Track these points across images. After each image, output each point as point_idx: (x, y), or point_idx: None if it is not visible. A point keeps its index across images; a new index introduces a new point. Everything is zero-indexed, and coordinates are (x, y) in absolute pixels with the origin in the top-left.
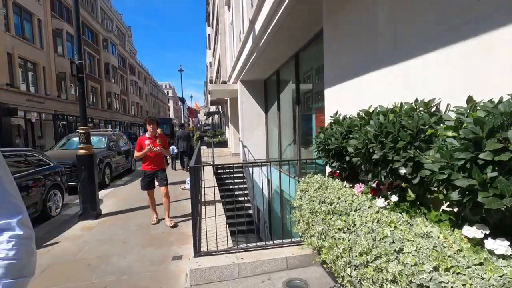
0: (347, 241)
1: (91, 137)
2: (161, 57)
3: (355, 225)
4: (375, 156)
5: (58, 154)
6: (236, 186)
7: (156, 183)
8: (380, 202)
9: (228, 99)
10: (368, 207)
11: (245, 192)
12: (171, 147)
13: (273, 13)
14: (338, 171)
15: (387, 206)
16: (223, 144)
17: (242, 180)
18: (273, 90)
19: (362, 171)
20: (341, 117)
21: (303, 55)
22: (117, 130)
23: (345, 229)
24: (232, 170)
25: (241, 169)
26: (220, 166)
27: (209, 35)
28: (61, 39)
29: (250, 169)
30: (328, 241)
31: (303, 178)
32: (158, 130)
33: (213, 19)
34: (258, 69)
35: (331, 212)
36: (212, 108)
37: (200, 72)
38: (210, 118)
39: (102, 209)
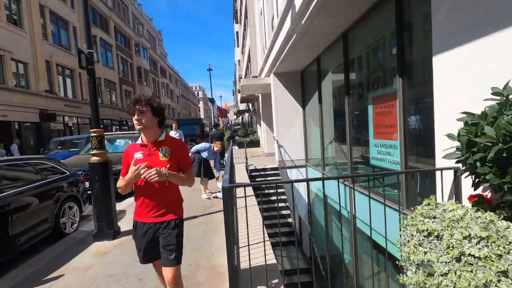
0: None
1: (118, 140)
2: (190, 59)
3: None
4: None
5: (82, 159)
6: (272, 191)
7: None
8: None
9: (260, 95)
10: None
11: (282, 197)
12: (201, 145)
13: None
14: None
15: None
16: (255, 143)
17: (279, 184)
18: (313, 81)
19: None
20: None
21: (354, 34)
22: None
23: None
24: (266, 173)
25: (277, 171)
26: (263, 183)
27: (237, 32)
28: (95, 46)
29: (288, 170)
30: None
31: (417, 208)
32: (173, 133)
33: (241, 14)
34: (295, 58)
35: None
36: (242, 107)
37: (228, 72)
38: (240, 117)
39: (122, 224)
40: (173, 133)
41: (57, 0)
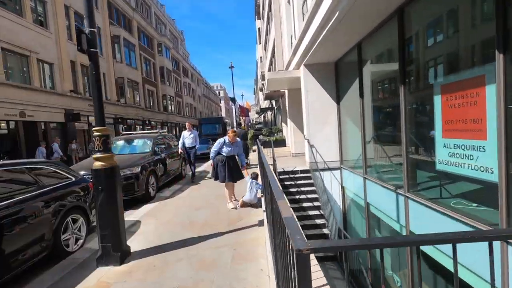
0: None
1: (135, 140)
2: (211, 59)
3: None
4: None
5: None
6: (304, 196)
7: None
8: None
9: (286, 91)
10: None
11: (316, 204)
12: (215, 144)
13: None
14: None
15: None
16: (281, 143)
17: (310, 189)
18: (351, 72)
19: None
20: None
21: (414, 9)
22: (165, 130)
23: None
24: (296, 176)
25: (308, 173)
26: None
27: (259, 28)
28: (119, 45)
29: (320, 173)
30: None
31: None
32: None
33: (263, 9)
34: (330, 46)
35: None
36: (264, 105)
37: (249, 72)
38: (262, 115)
39: (134, 241)
40: (186, 134)
41: (81, 0)
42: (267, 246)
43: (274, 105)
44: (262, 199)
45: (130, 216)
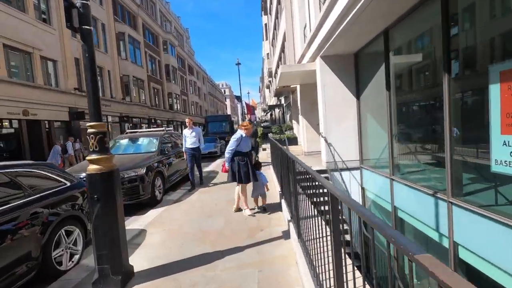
0: None
1: (141, 139)
2: (216, 58)
3: None
4: None
5: None
6: (321, 199)
7: None
8: None
9: (298, 86)
10: None
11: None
12: (232, 141)
13: None
14: None
15: None
16: (292, 141)
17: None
18: (375, 62)
19: None
20: None
21: None
22: (171, 128)
23: None
24: (309, 176)
25: (325, 174)
26: None
27: (265, 24)
28: (123, 42)
29: (341, 173)
30: None
31: None
32: None
33: (271, 3)
34: (352, 35)
35: None
36: (272, 102)
37: (254, 71)
38: (269, 113)
39: (138, 257)
40: (188, 132)
41: None
42: (299, 267)
43: (282, 102)
44: (283, 201)
45: (134, 223)
